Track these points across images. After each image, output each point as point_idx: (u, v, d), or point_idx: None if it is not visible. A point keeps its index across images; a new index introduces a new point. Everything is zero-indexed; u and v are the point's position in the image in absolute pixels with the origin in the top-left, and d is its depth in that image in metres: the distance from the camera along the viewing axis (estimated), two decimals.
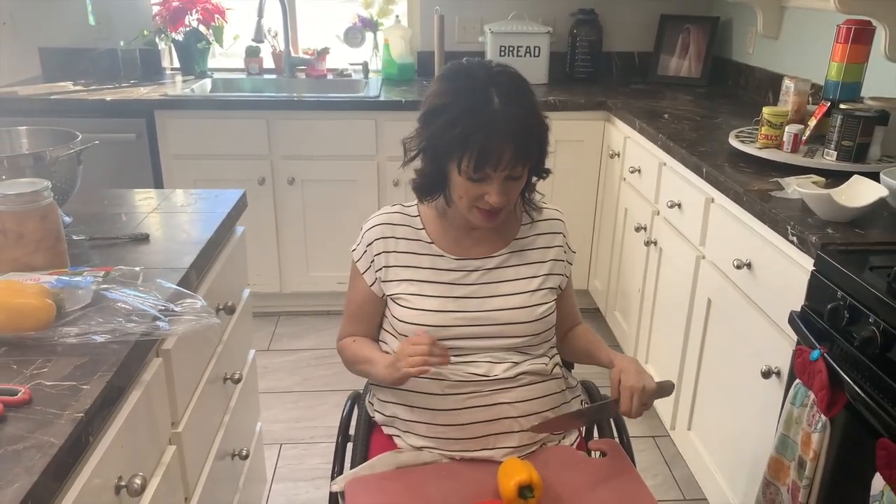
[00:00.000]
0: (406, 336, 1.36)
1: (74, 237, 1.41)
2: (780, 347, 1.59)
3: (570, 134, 2.94)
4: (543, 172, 1.37)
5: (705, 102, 2.95)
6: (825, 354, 1.33)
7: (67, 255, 1.24)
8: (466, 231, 1.40)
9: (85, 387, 0.94)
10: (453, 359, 1.35)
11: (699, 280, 2.04)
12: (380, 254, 1.39)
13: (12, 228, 1.16)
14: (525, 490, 1.22)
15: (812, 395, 1.36)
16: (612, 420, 1.53)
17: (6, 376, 0.96)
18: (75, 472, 0.89)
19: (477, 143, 1.20)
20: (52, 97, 2.81)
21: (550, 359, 1.42)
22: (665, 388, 1.34)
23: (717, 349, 1.95)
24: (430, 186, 1.34)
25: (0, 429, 0.85)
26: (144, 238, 1.44)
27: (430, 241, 1.39)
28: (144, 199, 1.70)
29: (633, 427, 2.44)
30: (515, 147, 1.21)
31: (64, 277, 1.11)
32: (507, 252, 1.40)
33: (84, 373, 0.97)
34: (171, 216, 1.60)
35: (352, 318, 1.47)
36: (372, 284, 1.41)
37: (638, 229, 2.53)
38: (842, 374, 1.28)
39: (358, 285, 1.44)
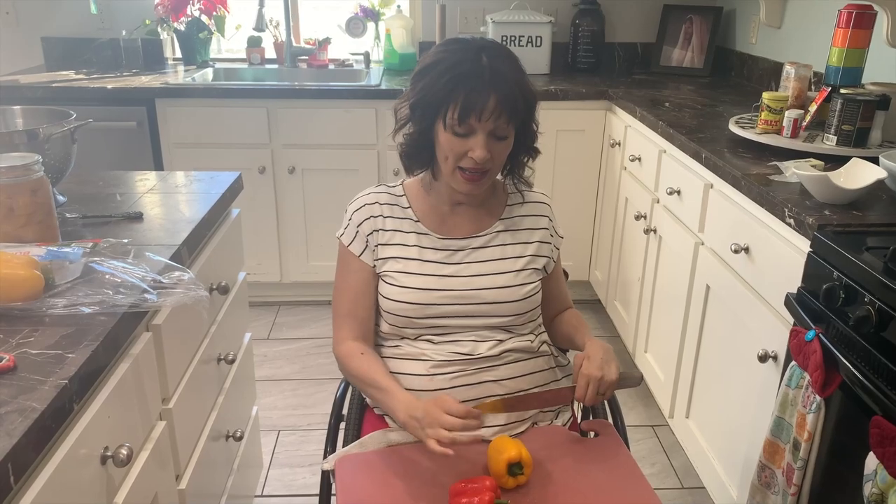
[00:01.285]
0: (390, 314, 1.35)
1: (68, 215, 1.41)
2: (777, 331, 1.58)
3: (571, 124, 2.93)
4: (532, 151, 1.37)
5: (707, 92, 2.93)
6: (820, 335, 1.32)
7: (59, 230, 1.24)
8: (451, 207, 1.39)
9: (70, 355, 0.94)
10: (436, 338, 1.35)
11: (698, 266, 2.03)
12: (371, 233, 1.38)
13: (2, 202, 1.16)
14: (514, 467, 1.21)
15: (807, 376, 1.35)
16: (606, 402, 1.52)
17: None
18: (59, 439, 0.89)
19: (462, 92, 1.22)
20: (54, 85, 2.82)
21: (536, 336, 1.41)
22: (630, 379, 1.32)
23: (715, 335, 1.94)
24: (418, 152, 1.34)
25: None
26: (138, 216, 1.44)
27: (416, 219, 1.39)
28: (140, 181, 1.70)
29: (631, 416, 2.45)
30: (500, 97, 1.22)
31: (53, 249, 1.10)
32: (492, 231, 1.40)
33: (70, 342, 0.97)
34: (166, 196, 1.59)
35: (349, 315, 1.39)
36: (373, 266, 1.38)
37: (638, 218, 2.51)
38: (837, 353, 1.27)
39: (353, 272, 1.40)
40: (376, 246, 1.37)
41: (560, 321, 1.51)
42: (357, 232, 1.38)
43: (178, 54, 3.42)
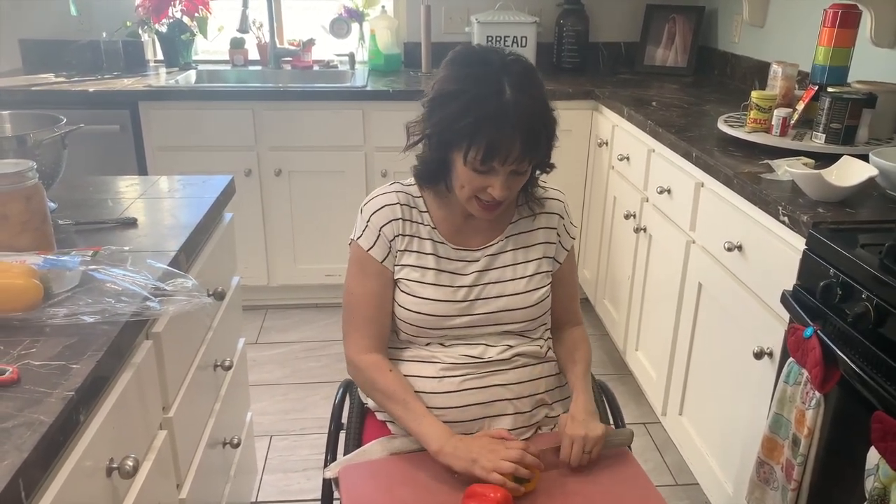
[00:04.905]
0: (405, 323, 1.34)
1: (60, 222, 1.38)
2: (772, 328, 1.60)
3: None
4: (547, 167, 1.34)
5: (692, 91, 2.96)
6: (818, 331, 1.33)
7: (53, 238, 1.21)
8: (465, 218, 1.36)
9: (75, 366, 0.92)
10: (446, 342, 1.34)
11: (689, 265, 2.04)
12: (394, 238, 1.32)
13: None
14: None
15: (805, 373, 1.36)
16: (607, 404, 1.52)
17: None
18: (66, 451, 0.87)
19: (486, 135, 1.16)
20: (34, 88, 2.77)
21: (545, 341, 1.41)
22: (620, 436, 1.34)
23: (708, 333, 1.96)
24: (432, 174, 1.31)
25: None
26: (132, 223, 1.42)
27: (433, 226, 1.35)
28: (131, 186, 1.68)
29: (623, 414, 2.46)
30: (524, 142, 1.18)
31: (51, 257, 1.08)
32: (503, 237, 1.38)
33: (73, 353, 0.95)
34: (159, 201, 1.57)
35: (370, 321, 1.34)
36: (393, 272, 1.34)
37: (627, 217, 2.53)
38: (836, 350, 1.28)
39: (372, 276, 1.33)
40: (398, 252, 1.33)
41: (562, 341, 1.46)
42: (379, 236, 1.32)
43: (160, 56, 3.38)
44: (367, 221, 1.33)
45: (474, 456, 1.21)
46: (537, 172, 1.36)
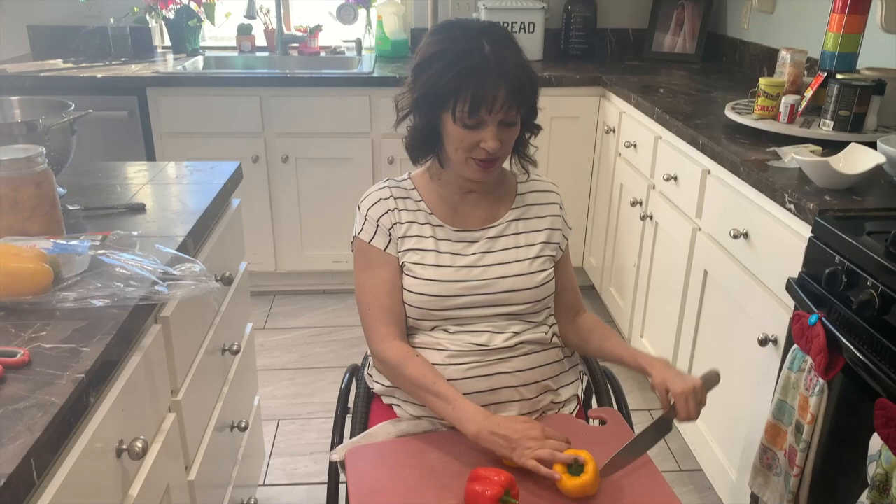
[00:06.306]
0: (409, 306, 1.35)
1: (69, 207, 1.40)
2: (778, 315, 1.60)
3: (565, 110, 2.93)
4: (534, 128, 1.37)
5: (700, 77, 2.94)
6: (823, 318, 1.33)
7: (63, 223, 1.23)
8: (462, 196, 1.39)
9: (84, 349, 0.93)
10: (452, 328, 1.35)
11: (695, 252, 2.04)
12: (392, 226, 1.36)
13: (7, 195, 1.15)
14: (572, 468, 1.18)
15: (809, 360, 1.37)
16: (610, 388, 1.53)
17: (4, 339, 0.95)
18: (77, 433, 0.89)
19: (471, 86, 1.20)
20: (42, 74, 2.78)
21: (550, 327, 1.42)
22: (712, 378, 1.32)
23: (713, 320, 1.96)
24: (423, 143, 1.33)
25: (0, 389, 0.85)
26: (140, 208, 1.43)
27: (429, 211, 1.38)
28: (139, 171, 1.69)
29: (627, 400, 2.47)
30: (509, 88, 1.21)
31: (61, 242, 1.10)
32: (505, 220, 1.40)
33: (83, 336, 0.96)
34: (167, 187, 1.58)
35: (387, 309, 1.34)
36: (397, 257, 1.36)
37: (633, 204, 2.53)
38: (840, 337, 1.29)
39: (381, 265, 1.35)
40: (399, 238, 1.36)
41: (585, 328, 1.46)
42: (378, 227, 1.36)
43: (167, 42, 3.38)
44: (365, 216, 1.37)
45: (514, 444, 1.19)
46: (527, 135, 1.38)
